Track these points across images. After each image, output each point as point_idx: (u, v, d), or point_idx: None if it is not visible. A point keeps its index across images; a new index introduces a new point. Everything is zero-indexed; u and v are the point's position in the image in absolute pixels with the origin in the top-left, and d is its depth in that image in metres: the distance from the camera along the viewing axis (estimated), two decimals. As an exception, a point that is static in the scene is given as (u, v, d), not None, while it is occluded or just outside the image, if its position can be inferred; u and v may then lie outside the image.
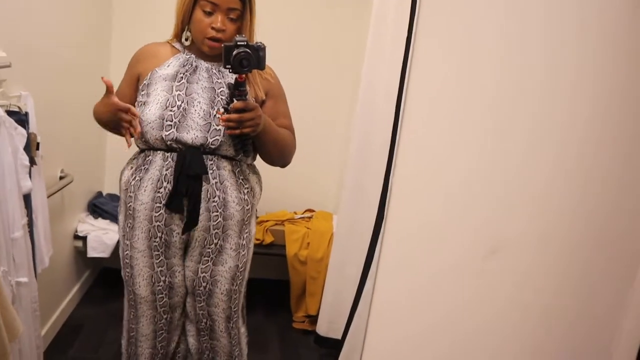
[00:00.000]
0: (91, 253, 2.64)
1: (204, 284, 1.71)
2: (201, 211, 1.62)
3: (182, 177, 1.57)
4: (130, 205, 1.65)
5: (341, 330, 2.21)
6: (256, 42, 1.47)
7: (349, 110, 2.94)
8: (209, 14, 1.55)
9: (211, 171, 1.60)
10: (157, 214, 1.63)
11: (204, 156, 1.59)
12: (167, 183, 1.60)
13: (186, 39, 1.64)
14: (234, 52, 1.42)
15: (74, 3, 2.40)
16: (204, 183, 1.60)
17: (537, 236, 0.96)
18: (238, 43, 1.43)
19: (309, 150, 1.77)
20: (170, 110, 1.56)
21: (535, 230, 0.96)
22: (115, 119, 1.53)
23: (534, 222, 0.97)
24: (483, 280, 0.97)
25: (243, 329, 1.84)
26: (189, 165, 1.56)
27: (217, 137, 1.57)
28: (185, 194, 1.59)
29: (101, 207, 2.81)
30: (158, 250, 1.67)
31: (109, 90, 1.50)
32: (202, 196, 1.61)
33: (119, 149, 1.71)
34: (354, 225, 2.25)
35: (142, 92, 1.61)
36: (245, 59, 1.42)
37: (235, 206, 1.65)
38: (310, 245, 2.70)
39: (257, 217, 1.81)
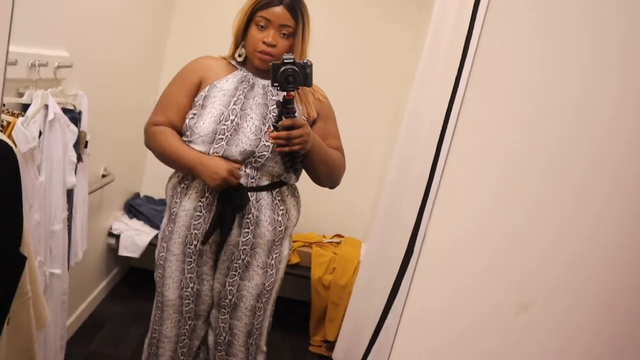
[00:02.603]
0: (122, 251, 2.71)
1: (229, 297, 1.73)
2: (233, 226, 1.65)
3: (224, 212, 1.61)
4: (174, 211, 1.70)
5: (357, 360, 2.18)
6: (303, 60, 1.50)
7: (387, 139, 2.95)
8: (262, 29, 1.59)
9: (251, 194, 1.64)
10: (195, 222, 1.67)
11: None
12: (209, 194, 1.64)
13: (239, 55, 1.68)
14: (281, 70, 1.45)
15: (136, 10, 2.51)
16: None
17: (571, 293, 0.94)
18: (285, 61, 1.46)
19: (344, 175, 1.78)
20: (224, 125, 1.59)
21: (569, 287, 0.94)
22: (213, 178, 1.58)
23: (569, 279, 0.95)
24: (512, 336, 0.95)
25: (263, 347, 1.84)
26: (235, 203, 1.60)
27: (264, 153, 1.59)
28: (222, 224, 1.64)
29: (137, 208, 2.88)
30: (191, 257, 1.70)
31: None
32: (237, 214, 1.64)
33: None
34: (382, 256, 2.23)
35: (198, 103, 1.64)
36: (292, 76, 1.45)
37: (267, 226, 1.67)
38: (335, 271, 2.70)
39: (291, 239, 1.82)
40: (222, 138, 1.59)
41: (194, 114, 1.63)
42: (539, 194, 0.94)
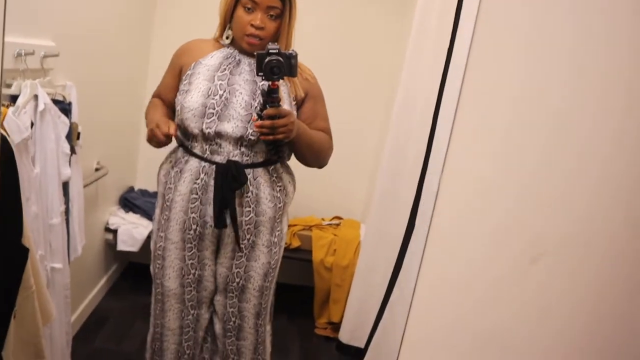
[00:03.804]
0: (121, 246, 2.68)
1: (237, 280, 1.72)
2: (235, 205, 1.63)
3: (223, 189, 1.59)
4: (168, 197, 1.68)
5: (364, 339, 2.19)
6: (288, 50, 1.49)
7: (382, 120, 2.94)
8: (250, 11, 1.57)
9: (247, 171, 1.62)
10: (192, 205, 1.65)
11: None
12: (205, 175, 1.62)
13: (227, 37, 1.67)
14: (266, 60, 1.44)
15: None
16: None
17: (582, 242, 0.95)
18: (270, 51, 1.45)
19: (339, 157, 1.77)
20: (213, 99, 1.59)
21: (580, 236, 0.95)
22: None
23: (579, 228, 0.95)
24: (526, 287, 0.95)
25: (269, 327, 1.84)
26: (233, 179, 1.59)
27: (256, 130, 1.58)
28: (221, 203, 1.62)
29: (132, 201, 2.85)
30: (191, 243, 1.69)
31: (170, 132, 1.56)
32: (236, 192, 1.62)
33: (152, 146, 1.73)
34: (382, 234, 2.23)
35: (185, 82, 1.64)
36: (277, 67, 1.44)
37: (267, 203, 1.66)
38: (336, 252, 2.69)
39: (288, 216, 1.82)
40: (213, 113, 1.59)
41: (184, 91, 1.63)
42: (543, 155, 0.94)
